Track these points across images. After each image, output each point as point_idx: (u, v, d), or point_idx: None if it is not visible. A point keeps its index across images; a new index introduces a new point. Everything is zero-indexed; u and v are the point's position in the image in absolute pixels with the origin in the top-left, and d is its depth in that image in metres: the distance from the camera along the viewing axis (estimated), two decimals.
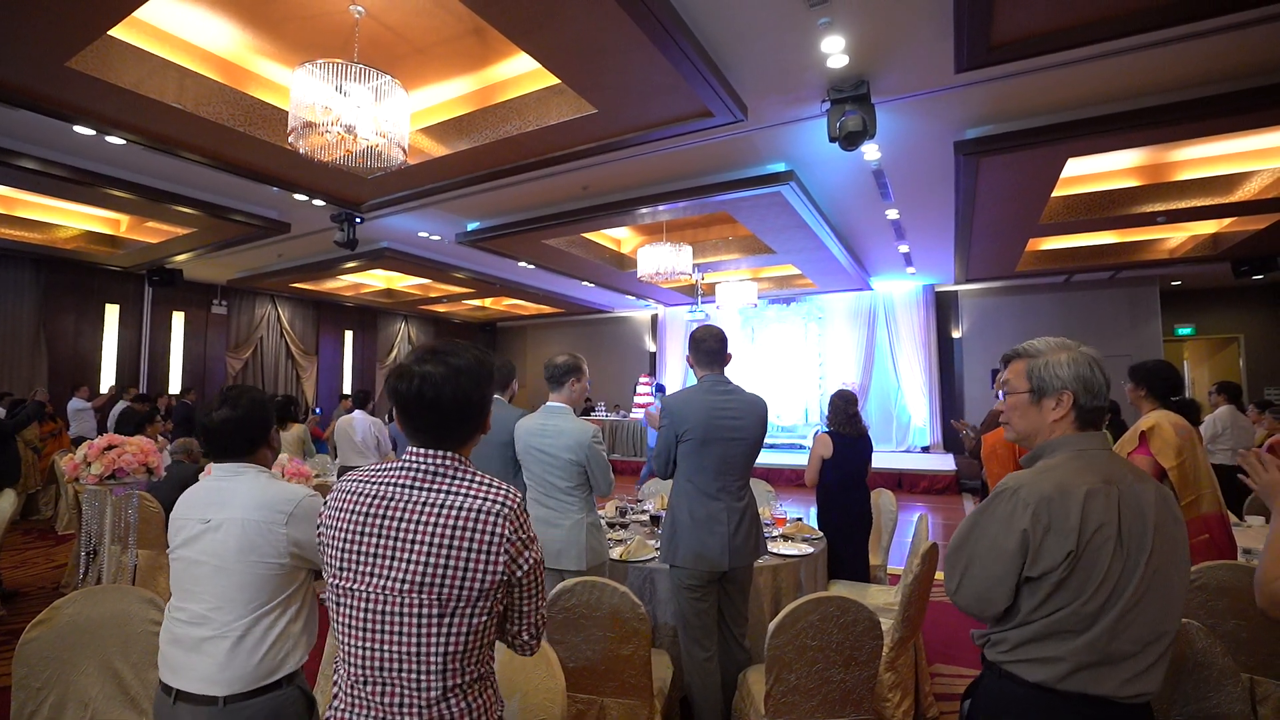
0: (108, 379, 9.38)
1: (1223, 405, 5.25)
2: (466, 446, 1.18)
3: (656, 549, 2.93)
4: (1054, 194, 5.78)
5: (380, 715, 1.08)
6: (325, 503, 1.18)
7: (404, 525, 1.08)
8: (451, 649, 1.07)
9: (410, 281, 10.97)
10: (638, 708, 2.11)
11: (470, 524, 1.07)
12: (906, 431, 11.00)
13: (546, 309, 13.47)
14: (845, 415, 3.58)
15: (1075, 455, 1.23)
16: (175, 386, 10.20)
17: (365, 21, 3.50)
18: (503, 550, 1.08)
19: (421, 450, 1.14)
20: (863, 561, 3.45)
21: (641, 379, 12.21)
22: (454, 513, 1.08)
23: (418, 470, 1.13)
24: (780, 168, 5.39)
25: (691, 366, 2.51)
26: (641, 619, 2.03)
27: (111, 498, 3.30)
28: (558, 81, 3.94)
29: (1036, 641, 1.17)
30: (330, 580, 1.14)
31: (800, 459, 9.55)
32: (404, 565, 1.07)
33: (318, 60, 3.01)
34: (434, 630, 1.06)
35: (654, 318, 13.70)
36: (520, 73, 4.18)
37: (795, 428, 11.68)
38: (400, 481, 1.12)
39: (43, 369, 8.62)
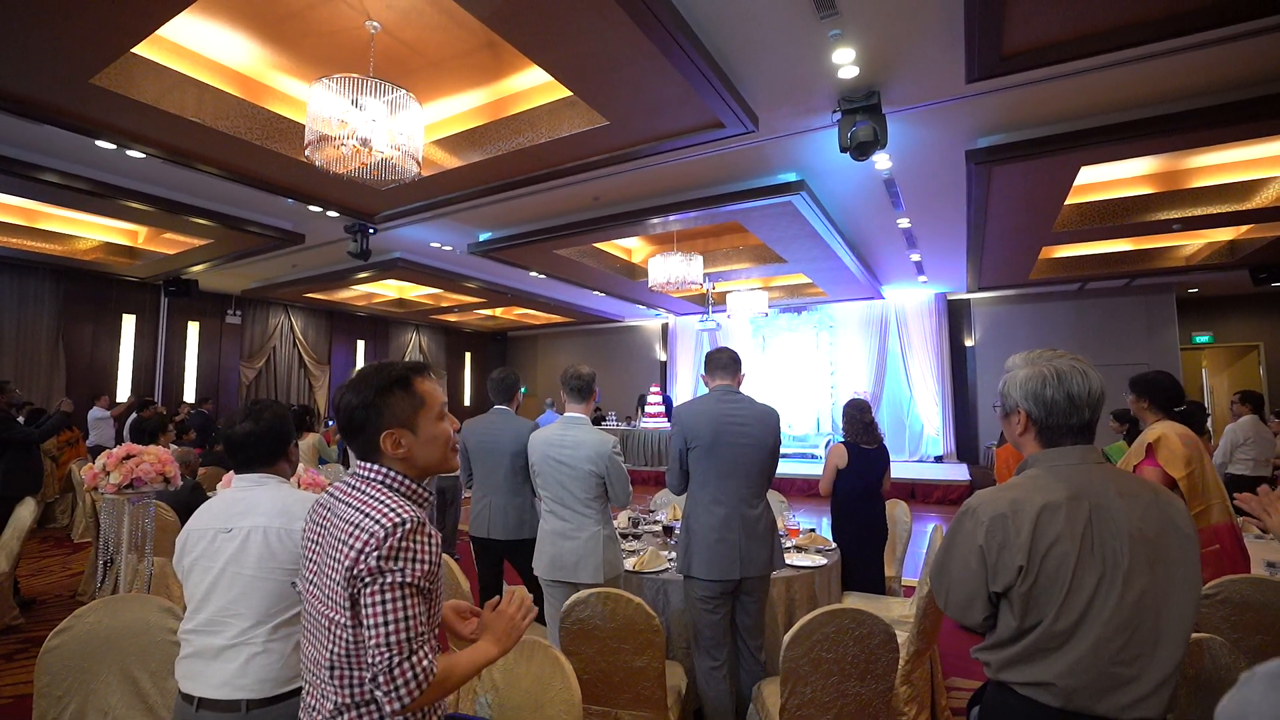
0: (124, 388, 9.50)
1: (1245, 415, 5.17)
2: (379, 458, 1.22)
3: (670, 560, 2.92)
4: (1067, 202, 5.74)
5: (310, 716, 1.17)
6: (306, 518, 1.28)
7: (324, 536, 1.18)
8: (336, 662, 1.11)
9: (422, 291, 11.06)
10: (652, 719, 2.10)
11: (346, 537, 1.11)
12: (919, 441, 10.91)
13: (557, 318, 13.52)
14: (861, 424, 3.55)
15: (1044, 471, 1.22)
16: (190, 396, 10.31)
17: (381, 37, 3.56)
18: (356, 565, 1.08)
19: (358, 463, 1.25)
20: (877, 573, 3.42)
21: (652, 389, 12.22)
22: (343, 526, 1.13)
23: (353, 480, 1.23)
24: (791, 177, 5.40)
25: (706, 384, 2.56)
26: (655, 630, 2.03)
27: (129, 506, 3.34)
28: (569, 94, 3.98)
29: (1020, 664, 1.17)
30: (299, 587, 1.25)
31: (812, 468, 9.49)
32: (315, 571, 1.17)
33: (334, 75, 3.06)
34: (325, 638, 1.13)
35: (665, 327, 13.70)
36: (532, 85, 4.23)
37: (807, 437, 11.62)
38: (339, 496, 1.21)
39: (61, 378, 8.75)
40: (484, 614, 1.32)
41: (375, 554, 1.07)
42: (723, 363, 2.49)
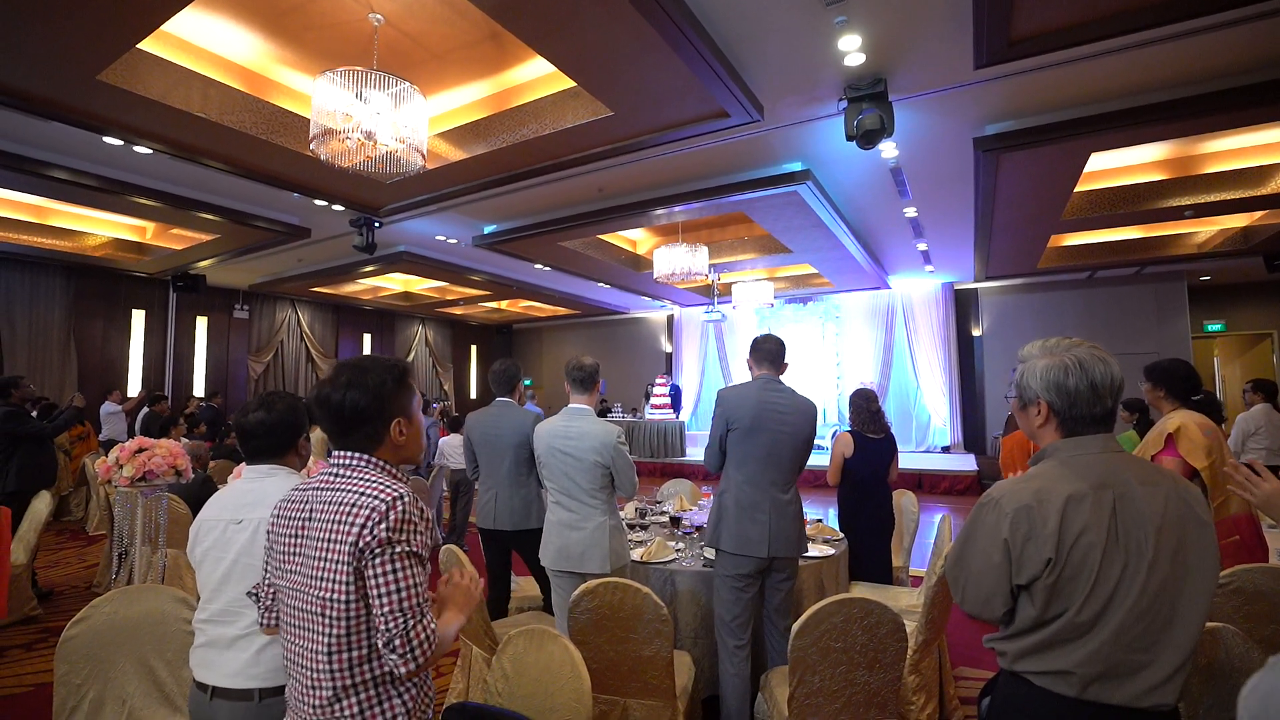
0: (134, 383, 9.59)
1: (1258, 403, 5.12)
2: (376, 448, 1.27)
3: (677, 550, 2.94)
4: (1076, 189, 5.68)
5: (298, 711, 1.18)
6: (273, 518, 1.28)
7: (309, 524, 1.19)
8: (335, 646, 1.12)
9: (428, 284, 11.09)
10: (660, 709, 2.11)
11: (343, 517, 1.14)
12: (926, 431, 10.88)
13: (562, 310, 13.53)
14: (868, 414, 3.55)
15: (1065, 460, 1.21)
16: (199, 390, 10.40)
17: (384, 29, 3.55)
18: (358, 540, 1.12)
19: (336, 452, 1.27)
20: (884, 563, 3.42)
21: (658, 380, 12.22)
22: (336, 508, 1.16)
23: (333, 469, 1.25)
24: (797, 167, 5.36)
25: (750, 368, 2.63)
26: (664, 620, 2.04)
27: (142, 499, 3.38)
28: (574, 85, 3.96)
29: (1038, 654, 1.16)
30: (275, 582, 1.26)
31: (817, 458, 9.44)
32: (302, 560, 1.18)
33: (338, 68, 3.06)
34: (319, 624, 1.13)
35: (670, 318, 13.69)
36: (536, 76, 4.21)
37: None
38: (318, 485, 1.23)
39: (72, 374, 8.83)
40: (439, 591, 1.38)
41: (383, 525, 1.12)
42: (769, 355, 2.58)
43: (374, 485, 1.18)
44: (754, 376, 2.60)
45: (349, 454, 1.25)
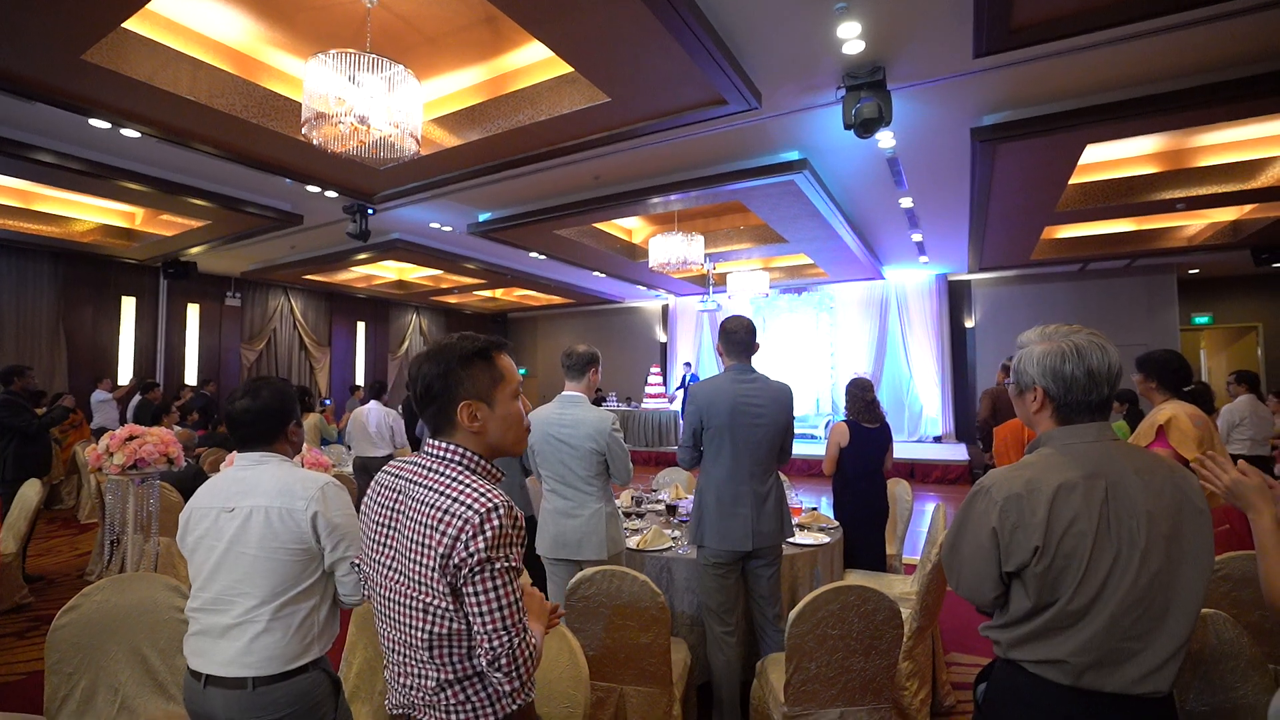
0: (125, 371, 9.49)
1: (1242, 394, 5.18)
2: (452, 433, 1.18)
3: (673, 538, 2.95)
4: (1071, 181, 5.69)
5: (402, 695, 1.15)
6: (367, 494, 1.23)
7: (398, 517, 1.14)
8: (437, 642, 1.08)
9: (422, 273, 11.01)
10: (657, 695, 2.13)
11: (434, 523, 1.07)
12: (918, 421, 10.95)
13: (557, 300, 13.48)
14: (863, 403, 3.56)
15: (1058, 449, 1.21)
16: (191, 378, 10.31)
17: (377, 11, 3.49)
18: (450, 554, 1.05)
19: (431, 441, 1.19)
20: (879, 551, 3.45)
21: (653, 369, 12.22)
22: (427, 511, 1.09)
23: (426, 460, 1.17)
24: (794, 156, 5.34)
25: (720, 356, 2.58)
26: (661, 608, 2.05)
27: (134, 487, 3.35)
28: (570, 70, 3.91)
29: (1031, 642, 1.17)
30: (363, 567, 1.21)
31: (811, 448, 9.53)
32: (394, 555, 1.13)
33: (330, 51, 3.00)
34: (420, 620, 1.09)
35: (665, 308, 13.67)
36: (532, 61, 4.16)
37: (807, 417, 11.65)
38: (410, 475, 1.16)
39: (62, 361, 8.73)
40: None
41: (478, 540, 1.04)
42: (740, 344, 2.53)
43: (467, 491, 1.09)
44: (724, 366, 2.54)
45: (440, 444, 1.17)
